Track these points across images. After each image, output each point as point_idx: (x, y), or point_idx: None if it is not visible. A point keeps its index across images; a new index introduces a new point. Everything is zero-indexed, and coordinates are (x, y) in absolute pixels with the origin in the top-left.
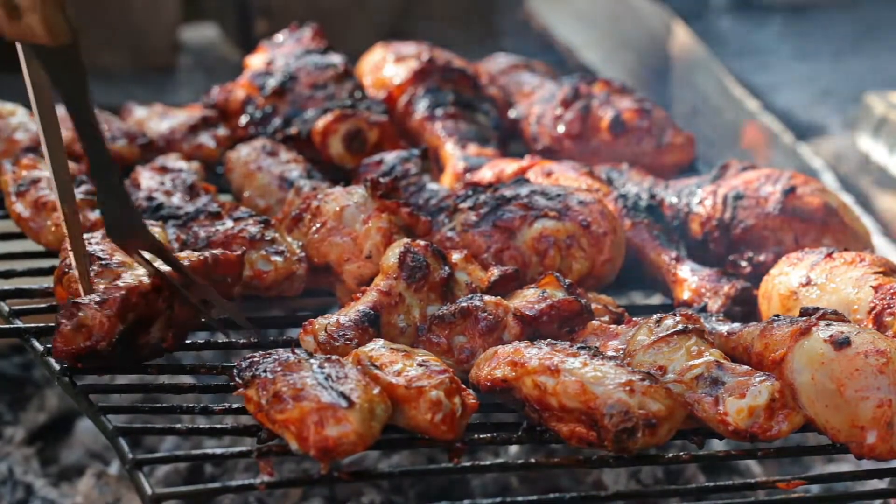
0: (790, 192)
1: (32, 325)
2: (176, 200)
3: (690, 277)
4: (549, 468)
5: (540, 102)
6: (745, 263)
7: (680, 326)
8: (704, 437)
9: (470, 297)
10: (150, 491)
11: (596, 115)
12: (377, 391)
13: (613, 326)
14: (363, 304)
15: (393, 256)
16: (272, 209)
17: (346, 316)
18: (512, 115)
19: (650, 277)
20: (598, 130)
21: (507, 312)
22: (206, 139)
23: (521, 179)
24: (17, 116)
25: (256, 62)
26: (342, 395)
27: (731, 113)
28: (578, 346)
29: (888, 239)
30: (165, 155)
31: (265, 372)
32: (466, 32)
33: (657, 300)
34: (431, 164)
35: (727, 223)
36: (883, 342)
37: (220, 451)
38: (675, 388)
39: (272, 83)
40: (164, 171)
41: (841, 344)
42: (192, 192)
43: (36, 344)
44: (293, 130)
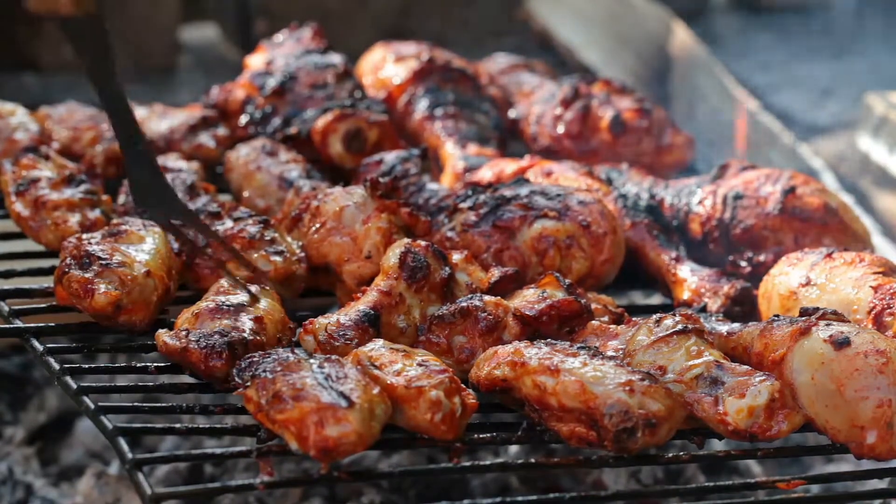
0: (790, 192)
1: (32, 325)
2: None
3: (690, 277)
4: (549, 468)
5: (540, 102)
6: (744, 263)
7: (680, 326)
8: (704, 437)
9: (470, 297)
10: (149, 491)
11: (596, 115)
12: (377, 391)
13: (613, 326)
14: (363, 304)
15: (394, 257)
16: (272, 209)
17: (346, 316)
18: (512, 115)
19: (650, 277)
20: (597, 130)
21: (507, 312)
22: (205, 139)
23: (520, 179)
24: (16, 116)
25: (256, 62)
26: (342, 395)
27: (730, 113)
28: (578, 346)
29: (888, 239)
30: (165, 155)
31: (265, 372)
32: (466, 32)
33: (657, 300)
34: (431, 163)
35: (727, 223)
36: (883, 342)
37: (219, 450)
38: (674, 388)
39: (272, 83)
40: (163, 170)
41: (841, 344)
42: (191, 191)
43: (36, 344)
44: (293, 130)
